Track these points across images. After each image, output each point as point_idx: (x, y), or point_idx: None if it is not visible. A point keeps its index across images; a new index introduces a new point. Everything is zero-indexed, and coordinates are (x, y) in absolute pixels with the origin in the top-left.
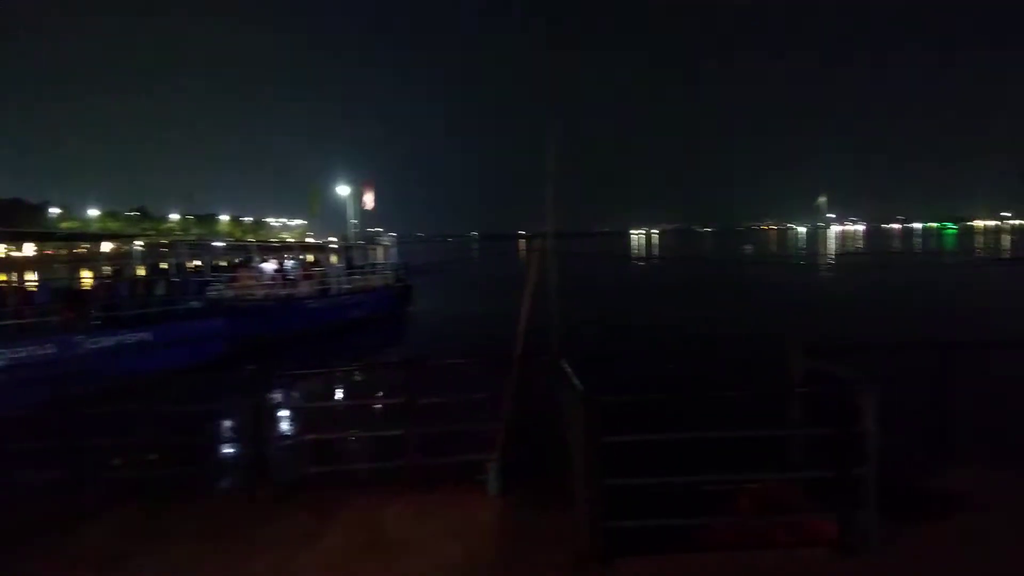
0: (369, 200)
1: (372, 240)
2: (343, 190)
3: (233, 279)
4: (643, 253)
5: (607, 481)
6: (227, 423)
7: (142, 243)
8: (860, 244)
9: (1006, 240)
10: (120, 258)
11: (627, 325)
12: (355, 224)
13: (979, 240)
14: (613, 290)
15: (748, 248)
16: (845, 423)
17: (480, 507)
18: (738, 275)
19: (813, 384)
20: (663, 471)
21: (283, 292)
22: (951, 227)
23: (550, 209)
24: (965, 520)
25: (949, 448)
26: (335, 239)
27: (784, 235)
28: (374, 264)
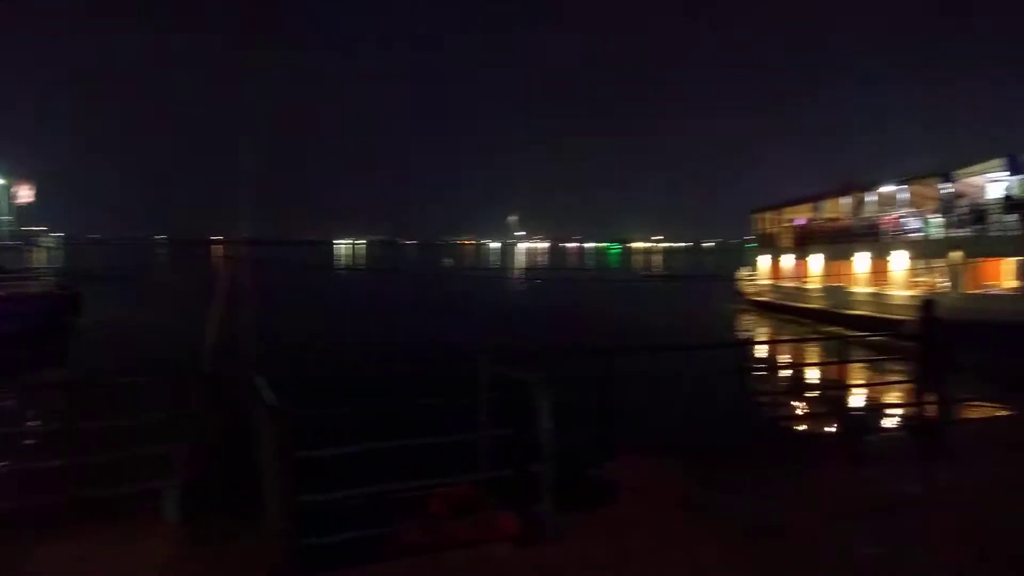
0: (25, 194)
1: (29, 241)
2: None
3: None
4: (348, 263)
5: (300, 497)
6: None
7: None
8: (544, 259)
9: (658, 259)
10: None
11: (325, 337)
12: (7, 221)
13: (637, 259)
14: (314, 301)
15: (448, 261)
16: (525, 423)
17: (159, 539)
18: (437, 287)
19: (498, 388)
20: (360, 482)
21: None
22: (615, 247)
23: (245, 214)
24: (621, 504)
25: (610, 441)
26: None
27: (480, 250)
28: (30, 268)
